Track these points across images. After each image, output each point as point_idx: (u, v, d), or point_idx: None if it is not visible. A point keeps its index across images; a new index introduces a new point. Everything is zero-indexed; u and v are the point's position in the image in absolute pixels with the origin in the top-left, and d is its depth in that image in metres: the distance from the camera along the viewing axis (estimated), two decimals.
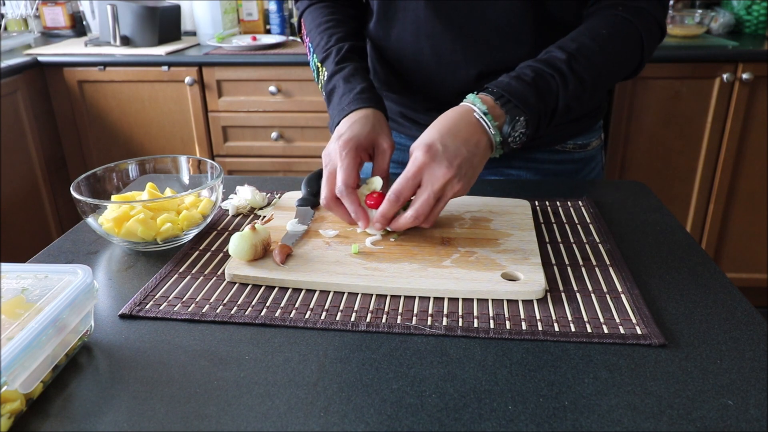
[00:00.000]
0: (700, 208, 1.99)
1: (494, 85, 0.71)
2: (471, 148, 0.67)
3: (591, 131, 0.98)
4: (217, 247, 0.71)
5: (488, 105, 0.69)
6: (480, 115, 0.68)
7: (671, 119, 1.89)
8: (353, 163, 0.69)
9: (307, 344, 0.53)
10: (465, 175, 0.66)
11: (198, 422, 0.44)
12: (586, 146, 0.97)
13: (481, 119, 0.68)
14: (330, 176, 0.70)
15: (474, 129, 0.68)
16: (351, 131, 0.72)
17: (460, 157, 0.66)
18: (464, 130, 0.68)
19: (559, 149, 0.95)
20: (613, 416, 0.44)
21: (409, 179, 0.66)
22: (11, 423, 0.44)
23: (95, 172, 0.76)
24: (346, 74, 0.81)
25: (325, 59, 0.85)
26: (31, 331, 0.44)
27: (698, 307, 0.58)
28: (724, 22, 2.08)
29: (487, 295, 0.59)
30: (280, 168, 2.06)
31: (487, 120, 0.68)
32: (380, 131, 0.74)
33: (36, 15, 2.37)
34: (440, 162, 0.65)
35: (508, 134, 0.69)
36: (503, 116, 0.69)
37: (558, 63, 0.73)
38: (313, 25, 0.90)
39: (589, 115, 0.96)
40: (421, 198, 0.65)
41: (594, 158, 1.00)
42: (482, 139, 0.68)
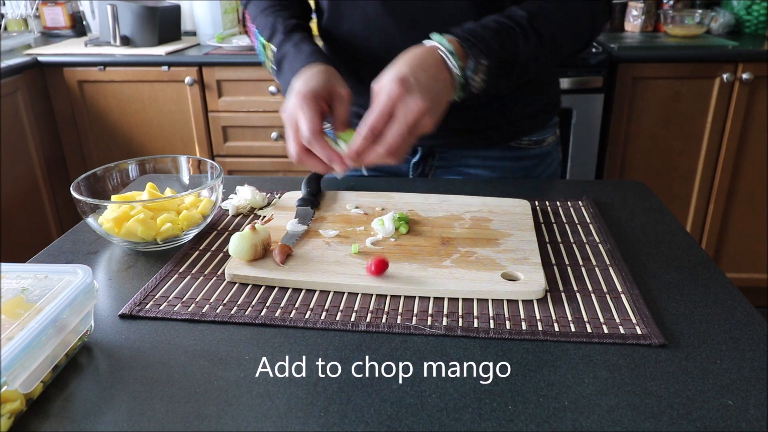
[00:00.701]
0: (700, 208, 1.99)
1: (459, 29, 0.71)
2: (440, 83, 0.67)
3: (545, 128, 0.98)
4: (217, 247, 0.71)
5: (454, 46, 0.69)
6: (445, 53, 0.68)
7: (671, 119, 1.89)
8: (315, 113, 0.69)
9: (307, 344, 0.53)
10: (433, 108, 0.65)
11: (198, 422, 0.44)
12: (541, 142, 0.98)
13: (447, 58, 0.68)
14: (293, 132, 0.69)
15: (441, 66, 0.68)
16: (306, 85, 0.71)
17: (433, 91, 0.65)
18: (433, 66, 0.67)
19: (514, 146, 0.96)
20: (613, 416, 0.44)
21: (383, 112, 0.64)
22: (11, 423, 0.44)
23: (95, 172, 0.76)
24: (296, 41, 0.82)
25: (272, 36, 0.85)
26: (31, 331, 0.44)
27: (698, 307, 0.58)
28: (724, 22, 2.08)
29: (487, 295, 0.59)
30: (280, 168, 2.06)
31: (453, 59, 0.68)
32: (335, 80, 0.74)
33: (36, 15, 2.37)
34: (414, 94, 0.64)
35: (470, 77, 0.69)
36: (467, 58, 0.69)
37: (520, 19, 0.74)
38: (257, 11, 0.90)
39: (543, 110, 0.97)
40: (393, 130, 0.64)
41: (550, 154, 1.01)
42: (448, 77, 0.68)
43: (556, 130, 1.02)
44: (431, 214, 0.76)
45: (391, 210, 0.77)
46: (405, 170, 0.99)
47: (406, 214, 0.74)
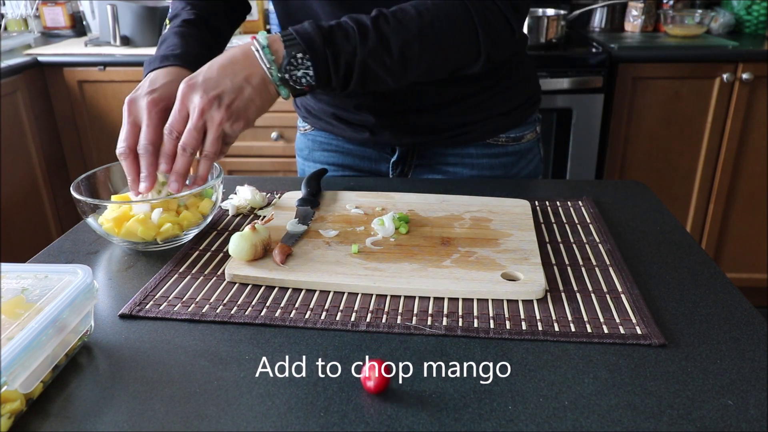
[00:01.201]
0: (700, 208, 1.99)
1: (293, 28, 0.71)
2: (238, 80, 0.68)
3: (524, 124, 0.98)
4: (217, 247, 0.71)
5: (270, 40, 0.69)
6: (256, 48, 0.69)
7: (671, 119, 1.89)
8: (160, 123, 0.70)
9: (307, 344, 0.53)
10: (229, 106, 0.67)
11: (198, 422, 0.44)
12: (520, 139, 0.98)
13: (257, 52, 0.69)
14: (133, 128, 0.70)
15: (248, 63, 0.69)
16: (163, 90, 0.72)
17: (220, 87, 0.67)
18: (239, 63, 0.69)
19: (491, 143, 0.96)
20: (613, 416, 0.44)
21: (177, 112, 0.67)
22: (11, 423, 0.44)
23: (95, 172, 0.76)
24: (184, 32, 0.82)
25: (174, 18, 0.86)
26: (31, 331, 0.44)
27: (698, 307, 0.58)
28: (724, 22, 2.09)
29: (487, 295, 0.59)
30: (280, 168, 2.06)
31: (263, 54, 0.68)
32: None
33: (36, 15, 2.37)
34: (196, 91, 0.67)
35: (287, 71, 0.69)
36: (282, 51, 0.69)
37: (363, 18, 0.72)
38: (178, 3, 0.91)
39: (521, 107, 0.96)
40: (189, 126, 0.67)
41: (530, 150, 1.00)
42: (255, 72, 0.69)
43: (537, 127, 1.01)
44: (431, 214, 0.76)
45: (391, 210, 0.77)
46: (384, 170, 1.00)
47: (406, 214, 0.74)
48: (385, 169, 1.00)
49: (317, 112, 1.01)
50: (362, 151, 1.00)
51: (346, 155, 1.01)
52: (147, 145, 0.69)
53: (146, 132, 0.69)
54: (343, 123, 0.98)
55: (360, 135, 0.96)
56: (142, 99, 0.71)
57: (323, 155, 1.03)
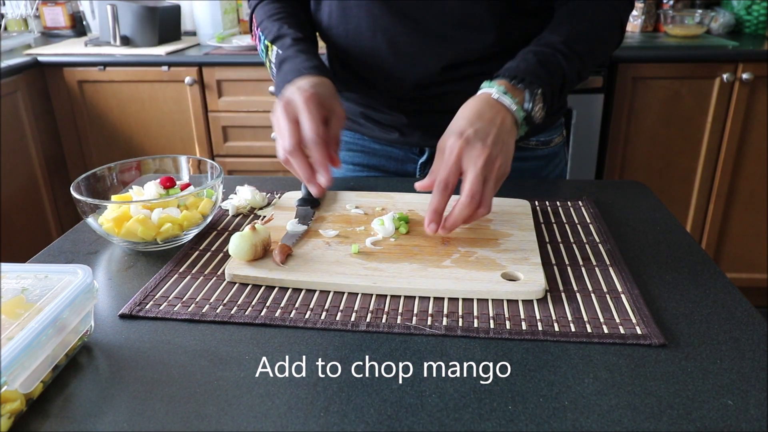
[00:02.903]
0: (700, 208, 1.99)
1: (503, 71, 0.73)
2: (498, 125, 0.68)
3: (553, 128, 0.99)
4: (217, 247, 0.71)
5: (505, 86, 0.71)
6: (499, 95, 0.70)
7: (671, 119, 1.89)
8: (320, 116, 0.68)
9: (307, 344, 0.53)
10: (501, 151, 0.67)
11: (198, 422, 0.44)
12: (549, 143, 0.98)
13: (501, 99, 0.70)
14: (292, 125, 0.68)
15: (497, 109, 0.69)
16: (314, 88, 0.71)
17: (492, 134, 0.67)
18: (488, 111, 0.69)
19: (522, 146, 0.96)
20: (613, 416, 0.44)
21: (450, 166, 0.66)
22: (11, 423, 0.44)
23: (95, 172, 0.76)
24: (303, 48, 0.82)
25: (277, 39, 0.85)
26: (31, 331, 0.44)
27: (698, 307, 0.58)
28: (724, 22, 2.08)
29: (487, 295, 0.59)
30: (280, 168, 2.06)
31: (508, 98, 0.70)
32: (336, 98, 0.75)
33: (36, 15, 2.37)
34: (475, 143, 0.66)
35: (529, 109, 0.71)
36: (522, 92, 0.71)
37: (556, 44, 0.75)
38: (265, 16, 0.90)
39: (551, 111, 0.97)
40: (470, 179, 0.65)
41: (557, 155, 1.01)
42: (506, 117, 0.69)
43: (563, 131, 1.02)
44: None
45: (391, 210, 0.77)
46: (411, 171, 0.99)
47: (406, 214, 0.74)
48: (411, 170, 0.99)
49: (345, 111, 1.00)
50: (389, 151, 0.99)
51: (371, 155, 1.01)
52: (315, 137, 0.66)
53: (310, 125, 0.67)
54: (372, 122, 0.98)
55: (389, 135, 0.96)
56: (297, 97, 0.69)
57: (348, 155, 1.02)
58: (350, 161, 1.02)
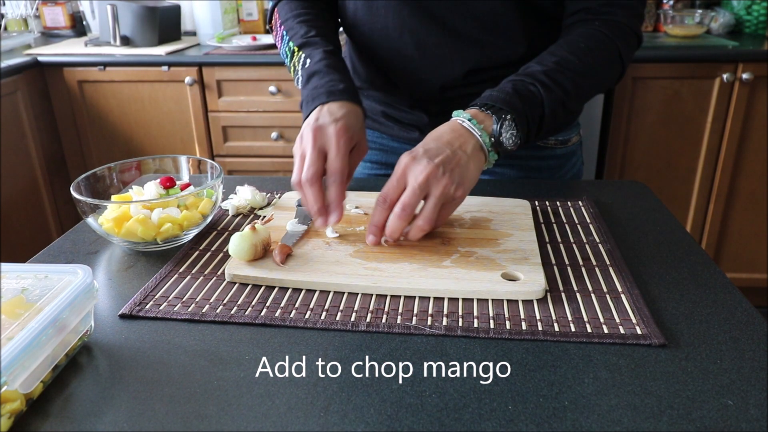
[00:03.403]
0: (700, 208, 1.99)
1: (477, 100, 0.72)
2: (455, 149, 0.67)
3: (571, 127, 0.99)
4: (217, 247, 0.71)
5: (472, 113, 0.70)
6: (463, 120, 0.69)
7: (671, 119, 1.89)
8: (348, 153, 0.69)
9: (307, 344, 0.53)
10: (452, 171, 0.65)
11: (198, 422, 0.44)
12: (567, 142, 0.98)
13: (465, 123, 0.69)
14: (318, 154, 0.68)
15: (458, 133, 0.69)
16: (348, 120, 0.71)
17: (442, 155, 0.66)
18: (447, 134, 0.68)
19: (541, 145, 0.96)
20: (613, 416, 0.44)
21: (393, 182, 0.66)
22: (11, 423, 0.44)
23: (95, 172, 0.76)
24: (334, 65, 0.80)
25: (306, 46, 0.84)
26: (31, 331, 0.44)
27: (698, 307, 0.58)
28: (724, 22, 2.08)
29: (487, 295, 0.59)
30: (280, 168, 2.06)
31: (472, 124, 0.69)
32: (364, 131, 0.75)
33: (36, 15, 2.37)
34: (420, 160, 0.65)
35: (498, 133, 0.69)
36: (489, 118, 0.70)
37: (537, 74, 0.74)
38: (290, 14, 0.89)
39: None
40: (407, 191, 0.65)
41: (574, 154, 1.01)
42: (468, 141, 0.68)
43: (580, 131, 1.02)
44: None
45: None
46: None
47: None
48: None
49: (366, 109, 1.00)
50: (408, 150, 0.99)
51: (390, 154, 1.01)
52: (337, 174, 0.67)
53: (337, 162, 0.67)
54: (392, 121, 0.98)
55: (409, 134, 0.97)
56: (330, 126, 0.69)
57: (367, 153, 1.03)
58: (368, 159, 1.03)
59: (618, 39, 0.79)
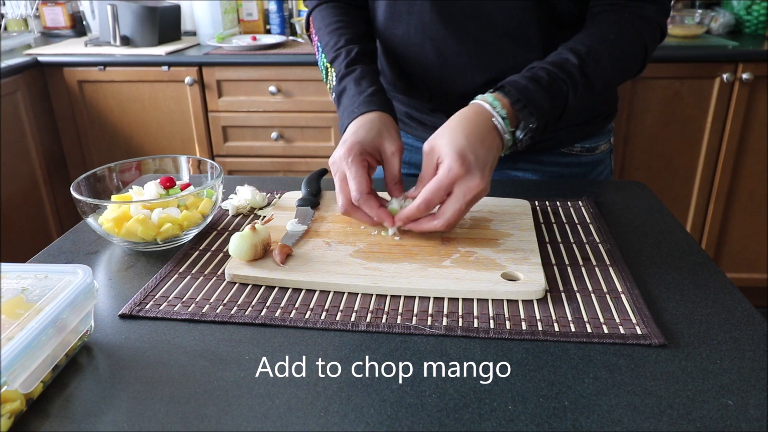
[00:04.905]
0: (700, 208, 1.99)
1: (511, 85, 0.71)
2: (494, 153, 0.68)
3: (600, 134, 0.97)
4: (217, 247, 0.71)
5: (507, 110, 0.70)
6: (499, 121, 0.69)
7: (671, 119, 1.89)
8: (361, 169, 0.69)
9: (307, 344, 0.53)
10: (489, 180, 0.67)
11: (198, 422, 0.44)
12: (594, 149, 0.97)
13: (499, 125, 0.69)
14: (342, 183, 0.70)
15: (494, 134, 0.69)
16: (355, 137, 0.71)
17: (489, 165, 0.67)
18: (488, 136, 0.68)
19: (565, 152, 0.95)
20: (613, 416, 0.44)
21: (441, 188, 0.65)
22: (11, 423, 0.44)
23: (95, 172, 0.76)
24: (356, 76, 0.81)
25: (335, 59, 0.85)
26: (31, 331, 0.44)
27: (698, 307, 0.58)
28: (724, 22, 2.08)
29: (487, 295, 0.59)
30: (280, 168, 2.06)
31: (505, 125, 0.69)
32: (386, 135, 0.73)
33: (36, 15, 2.37)
34: (474, 174, 0.65)
35: (519, 139, 0.71)
36: (517, 120, 0.70)
37: (571, 68, 0.74)
38: (322, 24, 0.89)
39: (599, 117, 0.95)
40: (453, 208, 0.65)
41: (602, 162, 0.99)
42: (499, 142, 0.70)
43: (611, 138, 1.00)
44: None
45: None
46: None
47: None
48: None
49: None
50: None
51: (414, 153, 1.02)
52: (359, 197, 0.68)
53: (354, 184, 0.68)
54: (416, 122, 0.98)
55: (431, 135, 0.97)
56: (342, 153, 0.70)
57: None
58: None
59: (645, 32, 0.79)
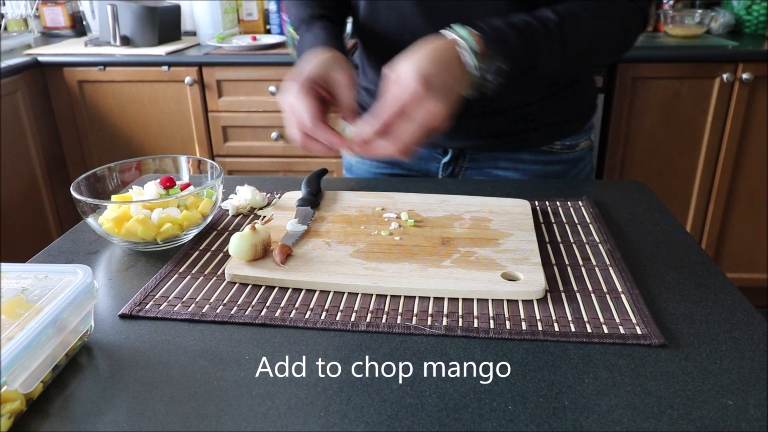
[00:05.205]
0: (700, 208, 1.99)
1: (485, 23, 0.69)
2: (460, 84, 0.66)
3: (580, 132, 0.97)
4: (217, 247, 0.71)
5: (479, 46, 0.67)
6: (468, 54, 0.67)
7: (671, 119, 1.89)
8: (311, 98, 0.69)
9: (307, 344, 0.53)
10: (451, 110, 0.64)
11: (198, 422, 0.44)
12: (575, 147, 0.97)
13: (468, 57, 0.67)
14: (291, 116, 0.70)
15: (461, 66, 0.66)
16: (303, 72, 0.72)
17: (453, 93, 0.64)
18: (455, 66, 0.66)
19: (546, 150, 0.95)
20: (613, 416, 0.44)
21: (400, 108, 0.63)
22: (11, 423, 0.44)
23: (95, 172, 0.76)
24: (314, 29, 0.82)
25: (299, 25, 0.86)
26: (31, 331, 0.44)
27: (698, 307, 0.58)
28: (724, 22, 2.08)
29: (487, 295, 0.59)
30: (280, 168, 2.06)
31: (474, 58, 0.66)
32: (337, 68, 0.73)
33: (36, 15, 2.37)
34: (436, 97, 0.62)
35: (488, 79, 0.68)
36: (488, 58, 0.67)
37: (549, 22, 0.72)
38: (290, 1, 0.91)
39: (579, 114, 0.96)
40: (409, 130, 0.63)
41: (583, 159, 0.99)
42: (463, 74, 0.67)
43: (590, 136, 1.00)
44: (431, 214, 0.76)
45: (391, 210, 0.77)
46: (435, 170, 0.99)
47: (407, 214, 0.74)
48: (435, 169, 0.99)
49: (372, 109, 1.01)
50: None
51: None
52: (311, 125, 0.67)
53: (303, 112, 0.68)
54: None
55: None
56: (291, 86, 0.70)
57: None
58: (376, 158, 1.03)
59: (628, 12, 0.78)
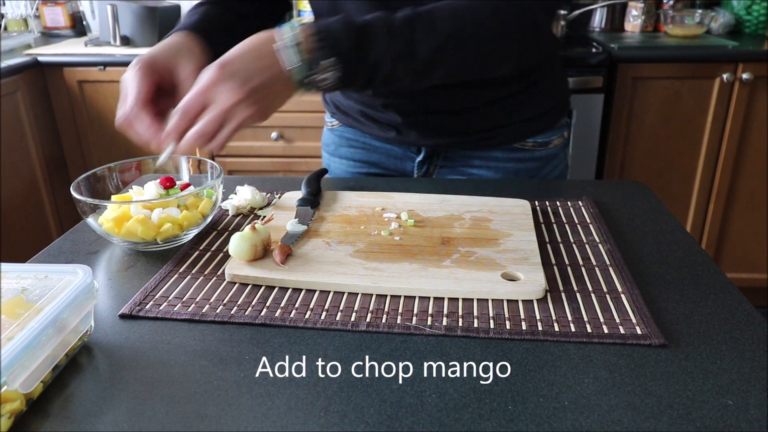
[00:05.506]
0: (700, 208, 1.99)
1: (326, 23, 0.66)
2: (273, 74, 0.63)
3: (552, 129, 0.97)
4: (217, 247, 0.71)
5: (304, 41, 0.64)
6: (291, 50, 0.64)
7: (671, 119, 1.89)
8: (143, 81, 0.68)
9: (307, 344, 0.53)
10: (259, 101, 0.63)
11: (198, 422, 0.44)
12: (547, 144, 0.97)
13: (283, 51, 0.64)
14: (123, 99, 0.69)
15: (274, 58, 0.64)
16: (149, 53, 0.71)
17: (256, 80, 0.62)
18: (266, 57, 0.64)
19: (518, 147, 0.95)
20: (613, 416, 0.44)
21: (197, 95, 0.63)
22: (11, 423, 0.44)
23: (95, 172, 0.76)
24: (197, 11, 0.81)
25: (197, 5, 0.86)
26: (31, 331, 0.44)
27: (698, 307, 0.58)
28: (724, 22, 2.09)
29: (487, 295, 0.59)
30: (280, 168, 2.06)
31: (294, 53, 0.63)
32: (184, 54, 0.71)
33: (36, 15, 2.37)
34: (233, 81, 0.62)
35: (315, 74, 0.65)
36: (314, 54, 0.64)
37: (395, 19, 0.67)
38: None
39: (550, 111, 0.96)
40: (207, 116, 0.63)
41: (556, 156, 1.00)
42: (281, 69, 0.64)
43: (565, 132, 1.00)
44: (431, 214, 0.76)
45: (391, 210, 0.77)
46: (410, 168, 0.99)
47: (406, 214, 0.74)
48: (410, 167, 0.99)
49: (346, 108, 1.01)
50: (388, 149, 1.00)
51: (372, 152, 1.01)
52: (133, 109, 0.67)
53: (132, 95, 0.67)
54: (371, 120, 0.98)
55: (386, 133, 0.97)
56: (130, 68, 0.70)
57: (349, 151, 1.03)
58: (352, 157, 1.03)
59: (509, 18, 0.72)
